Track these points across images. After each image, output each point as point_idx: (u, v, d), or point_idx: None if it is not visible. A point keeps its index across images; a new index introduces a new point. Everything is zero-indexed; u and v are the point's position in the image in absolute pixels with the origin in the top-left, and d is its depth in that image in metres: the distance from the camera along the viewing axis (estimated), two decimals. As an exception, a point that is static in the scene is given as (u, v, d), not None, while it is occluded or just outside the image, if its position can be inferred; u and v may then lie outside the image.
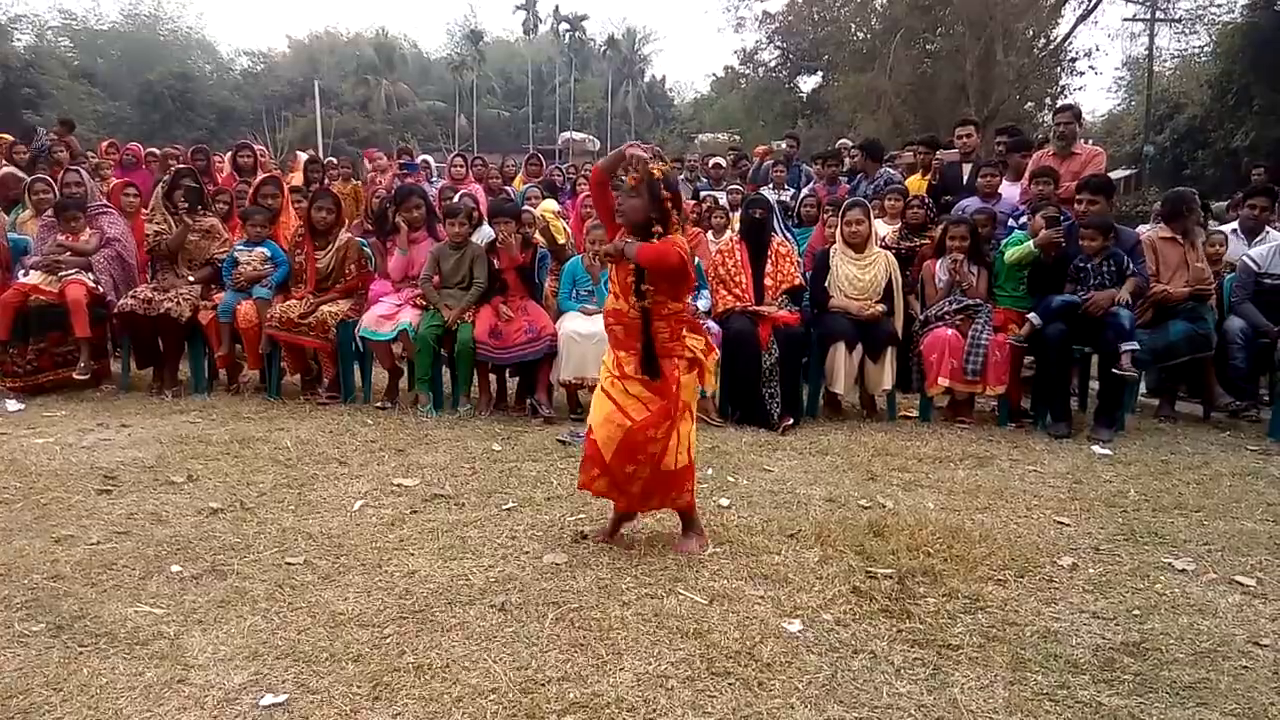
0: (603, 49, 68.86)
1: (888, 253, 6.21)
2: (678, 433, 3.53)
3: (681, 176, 10.34)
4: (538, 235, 6.60)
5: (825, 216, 7.10)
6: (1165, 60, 33.51)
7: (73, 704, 2.45)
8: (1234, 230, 6.89)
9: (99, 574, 3.30)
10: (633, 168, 3.51)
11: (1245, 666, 2.74)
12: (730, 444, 5.31)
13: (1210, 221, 7.97)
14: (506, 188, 9.60)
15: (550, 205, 7.99)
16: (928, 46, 29.26)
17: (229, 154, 9.61)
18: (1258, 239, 6.61)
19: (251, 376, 6.72)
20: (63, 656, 2.70)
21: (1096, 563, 3.56)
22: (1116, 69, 41.94)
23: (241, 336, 6.29)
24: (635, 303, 3.44)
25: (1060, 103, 14.63)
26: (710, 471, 4.71)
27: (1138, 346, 5.47)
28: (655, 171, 3.50)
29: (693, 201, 8.37)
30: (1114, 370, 5.47)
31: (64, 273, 6.30)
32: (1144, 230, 6.66)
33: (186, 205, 6.54)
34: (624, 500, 3.64)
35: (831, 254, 6.14)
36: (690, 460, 3.60)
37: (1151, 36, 29.72)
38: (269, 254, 6.45)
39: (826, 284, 6.07)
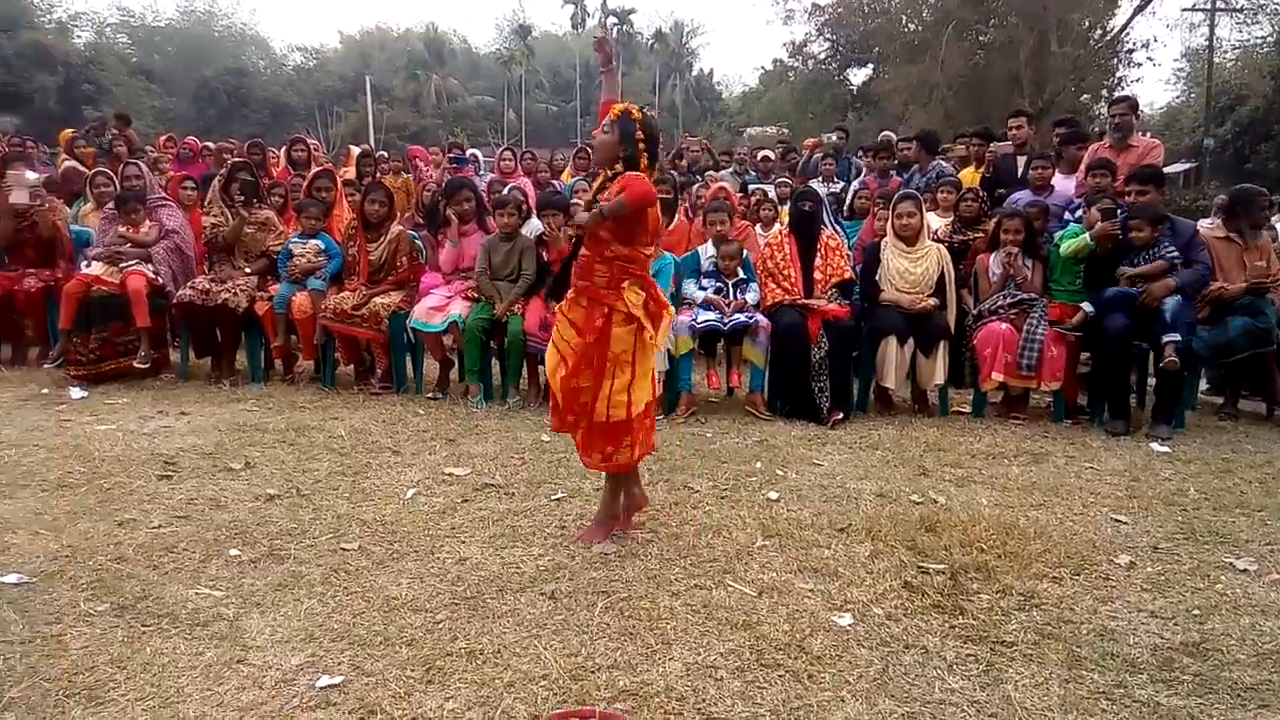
0: (650, 43, 68.74)
1: (940, 245, 6.13)
2: (611, 383, 3.45)
3: (729, 170, 10.31)
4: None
5: (875, 209, 7.04)
6: (1226, 51, 32.65)
7: (135, 682, 2.51)
8: None
9: (160, 557, 3.38)
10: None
11: (1310, 669, 2.67)
12: (779, 438, 5.29)
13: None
14: (554, 181, 9.64)
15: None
16: (980, 38, 28.75)
17: (283, 148, 9.77)
18: None
19: (306, 367, 6.84)
20: (126, 636, 2.77)
21: (1155, 561, 3.49)
22: (1175, 60, 40.94)
23: (296, 327, 6.39)
24: (569, 226, 3.42)
25: (1117, 94, 14.32)
26: (759, 465, 4.70)
27: (1179, 338, 5.35)
28: (633, 111, 3.46)
29: (740, 195, 8.34)
30: (1160, 365, 5.37)
31: (125, 264, 6.46)
32: (1203, 225, 6.50)
33: (243, 198, 6.67)
34: (580, 441, 3.62)
35: (882, 247, 6.08)
36: (629, 418, 3.47)
37: (1212, 27, 28.98)
38: (323, 246, 6.55)
39: (877, 277, 6.01)
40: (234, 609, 2.96)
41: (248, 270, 6.63)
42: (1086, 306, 5.62)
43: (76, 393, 6.03)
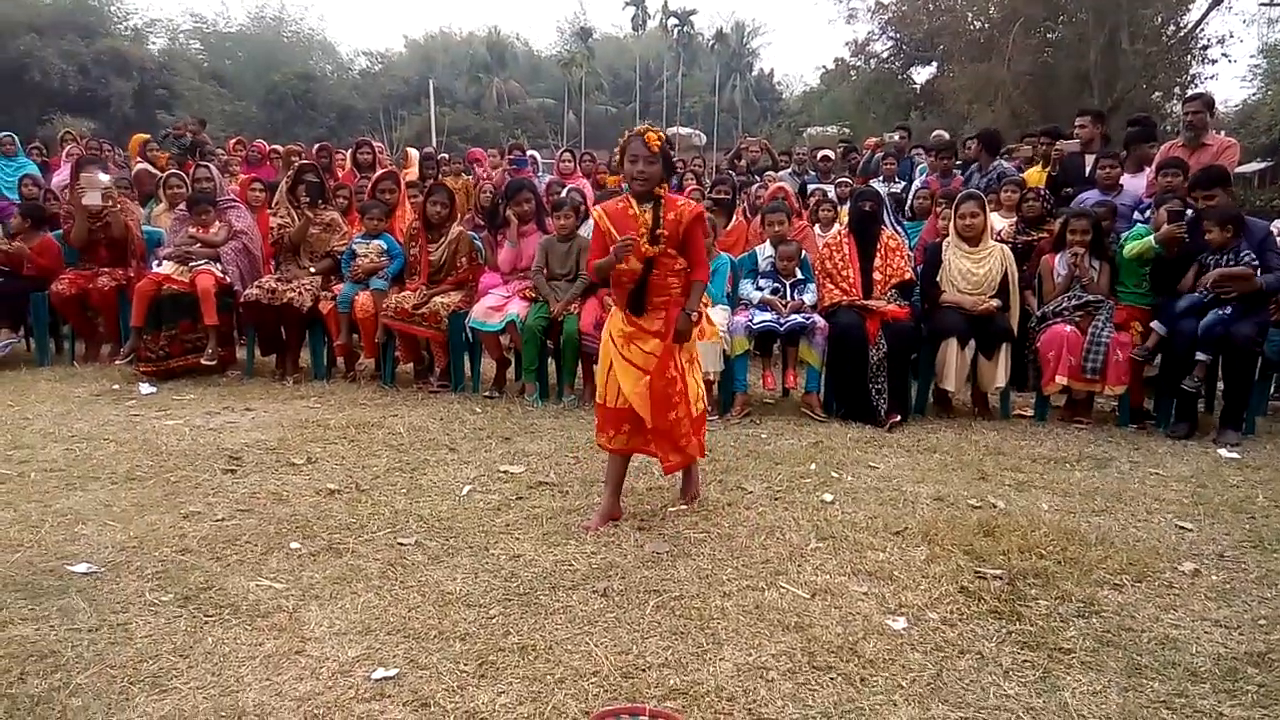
0: (711, 43, 68.57)
1: (1004, 246, 6.03)
2: (693, 378, 3.86)
3: (789, 170, 10.26)
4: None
5: (938, 209, 6.95)
6: (1305, 46, 31.56)
7: (198, 670, 2.59)
8: None
9: (223, 549, 3.47)
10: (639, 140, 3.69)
11: (1384, 683, 2.58)
12: (835, 439, 5.25)
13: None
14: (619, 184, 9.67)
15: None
16: (1048, 35, 28.16)
17: (350, 151, 9.95)
18: None
19: (367, 365, 6.95)
20: (189, 625, 2.85)
21: (1220, 569, 3.40)
22: (1252, 56, 39.50)
23: (359, 326, 6.50)
24: (650, 248, 3.68)
25: (1190, 92, 13.92)
26: (814, 467, 4.67)
27: (1206, 358, 5.30)
28: (664, 135, 3.74)
29: (799, 196, 8.30)
30: (1186, 383, 5.32)
31: (194, 263, 6.64)
32: (1278, 226, 6.30)
33: (308, 200, 6.81)
34: (659, 447, 3.78)
35: (944, 247, 6.00)
36: (703, 412, 3.97)
37: (1292, 21, 28.03)
38: (385, 247, 6.66)
39: (938, 278, 5.94)
40: (293, 601, 3.02)
41: (313, 270, 6.77)
42: (1157, 326, 5.48)
43: (146, 388, 6.21)
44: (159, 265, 6.73)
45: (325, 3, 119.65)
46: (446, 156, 12.31)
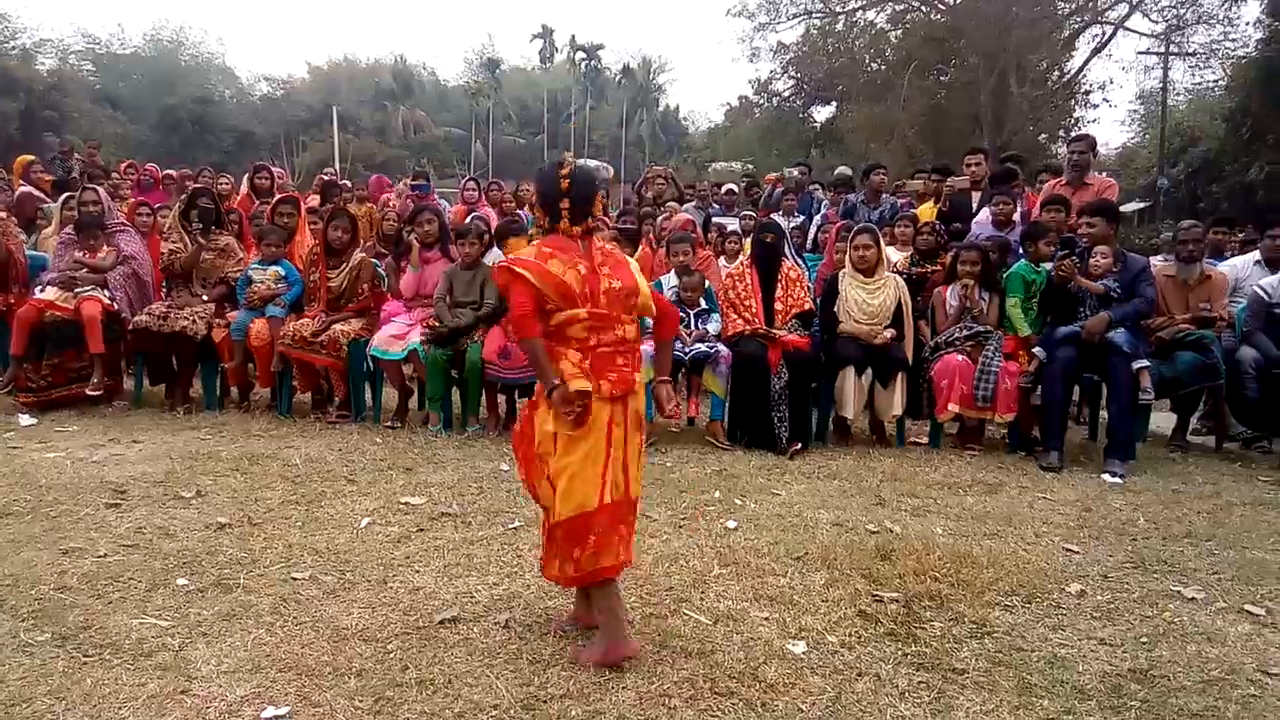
0: (618, 78, 69.29)
1: (897, 277, 6.21)
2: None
3: (693, 204, 10.40)
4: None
5: (834, 241, 7.13)
6: (1179, 94, 33.54)
7: (75, 713, 2.46)
8: (1257, 260, 6.80)
9: (105, 586, 3.31)
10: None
11: (1254, 695, 2.71)
12: (738, 467, 5.31)
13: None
14: (519, 211, 9.65)
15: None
16: (941, 78, 29.38)
17: (246, 175, 9.70)
18: None
19: (263, 395, 6.75)
20: (67, 666, 2.71)
21: (1105, 590, 3.53)
22: (1130, 102, 41.96)
23: (254, 354, 6.32)
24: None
25: (1075, 133, 14.64)
26: (717, 494, 4.71)
27: (1149, 364, 5.47)
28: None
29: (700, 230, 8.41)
30: (1141, 396, 5.48)
31: (80, 289, 6.36)
32: (1155, 262, 6.64)
33: (201, 225, 6.61)
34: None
35: (840, 278, 6.15)
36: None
37: (1165, 70, 29.70)
38: (283, 273, 6.50)
39: (835, 308, 6.07)
40: (179, 639, 2.90)
41: (205, 297, 6.56)
42: (1039, 352, 5.70)
43: (26, 420, 5.92)
44: (42, 291, 6.43)
45: (225, 27, 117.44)
46: (349, 184, 12.11)
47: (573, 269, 2.81)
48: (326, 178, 10.91)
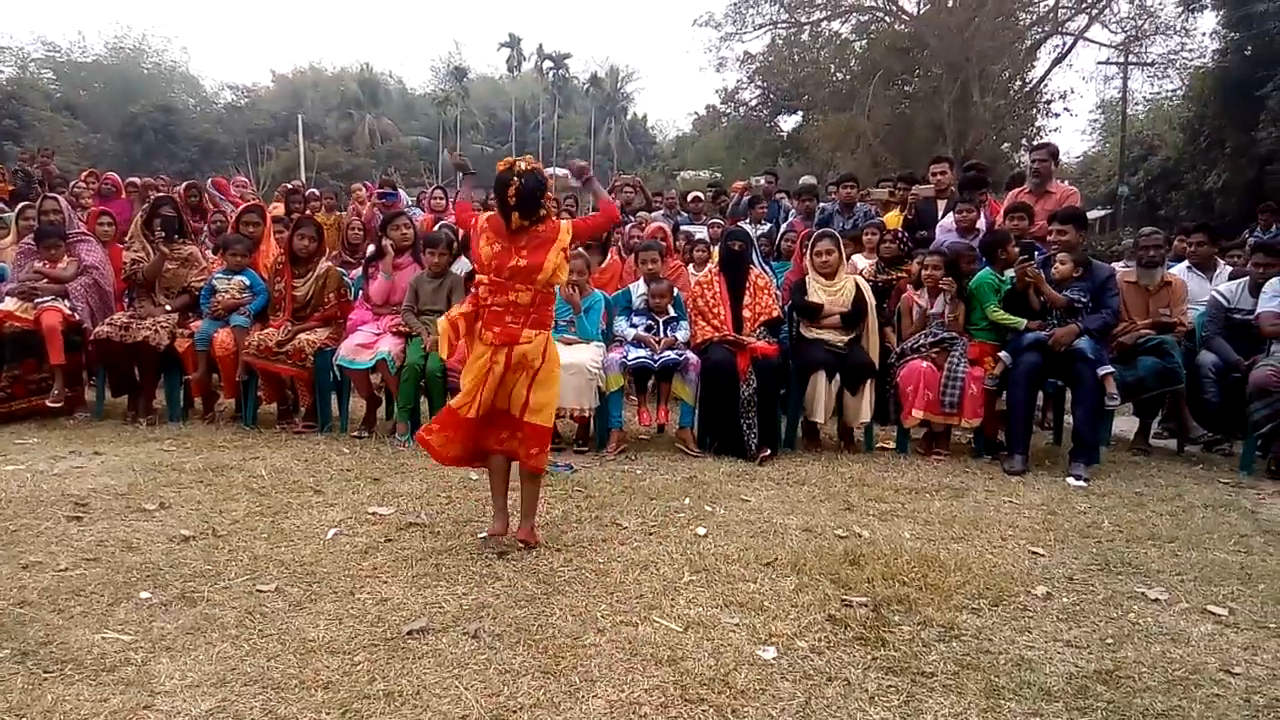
0: (586, 87, 69.43)
1: (857, 276, 6.32)
2: None
3: (661, 212, 10.43)
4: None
5: (799, 248, 7.18)
6: (1139, 103, 34.12)
7: (35, 730, 2.41)
8: (1188, 267, 6.98)
9: (66, 600, 3.25)
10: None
11: (1217, 694, 2.75)
12: (708, 474, 5.31)
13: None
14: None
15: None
16: (905, 88, 29.67)
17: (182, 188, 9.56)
18: (1216, 272, 6.84)
19: (227, 406, 6.68)
20: (26, 683, 2.65)
21: (1070, 592, 3.57)
22: (1091, 111, 42.62)
23: (218, 365, 6.25)
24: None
25: (1037, 142, 14.84)
26: (688, 501, 4.71)
27: (1113, 370, 5.54)
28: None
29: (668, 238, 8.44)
30: (1107, 402, 5.54)
31: (40, 299, 6.27)
32: (1117, 268, 6.74)
33: (164, 234, 6.53)
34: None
35: (807, 282, 6.21)
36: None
37: (1125, 80, 30.25)
38: (248, 283, 6.43)
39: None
40: (142, 653, 2.85)
41: (168, 307, 6.48)
42: (1004, 356, 5.75)
43: (-16, 433, 5.81)
44: (1, 302, 6.32)
45: (189, 35, 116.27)
46: (316, 192, 12.03)
47: (489, 246, 3.86)
48: (290, 187, 10.84)
